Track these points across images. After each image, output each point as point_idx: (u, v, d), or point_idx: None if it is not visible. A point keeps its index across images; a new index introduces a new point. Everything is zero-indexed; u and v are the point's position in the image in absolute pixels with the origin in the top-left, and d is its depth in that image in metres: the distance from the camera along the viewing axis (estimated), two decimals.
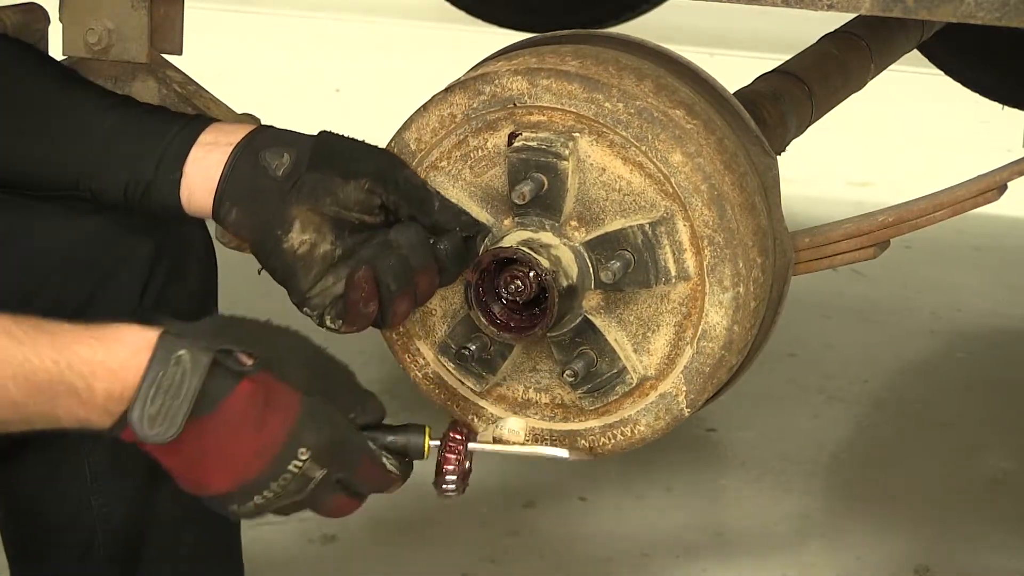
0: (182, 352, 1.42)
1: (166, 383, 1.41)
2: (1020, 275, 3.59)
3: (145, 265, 1.75)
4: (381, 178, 1.68)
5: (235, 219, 1.67)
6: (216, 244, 1.85)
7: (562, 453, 1.73)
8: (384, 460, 1.61)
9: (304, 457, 1.48)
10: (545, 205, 1.74)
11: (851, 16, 2.53)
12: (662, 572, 2.38)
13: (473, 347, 1.79)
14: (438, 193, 1.73)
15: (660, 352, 1.77)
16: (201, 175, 1.68)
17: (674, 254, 1.73)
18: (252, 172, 1.66)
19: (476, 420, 1.86)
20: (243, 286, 3.29)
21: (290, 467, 1.48)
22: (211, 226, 1.77)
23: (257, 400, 1.47)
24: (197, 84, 2.04)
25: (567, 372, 1.75)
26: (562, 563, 2.36)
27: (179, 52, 2.04)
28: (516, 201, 1.72)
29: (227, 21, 5.69)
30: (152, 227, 1.75)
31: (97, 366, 1.40)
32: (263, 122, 1.98)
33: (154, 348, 1.42)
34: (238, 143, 1.68)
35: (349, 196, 1.66)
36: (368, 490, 1.60)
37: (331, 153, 1.68)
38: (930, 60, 3.41)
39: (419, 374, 1.86)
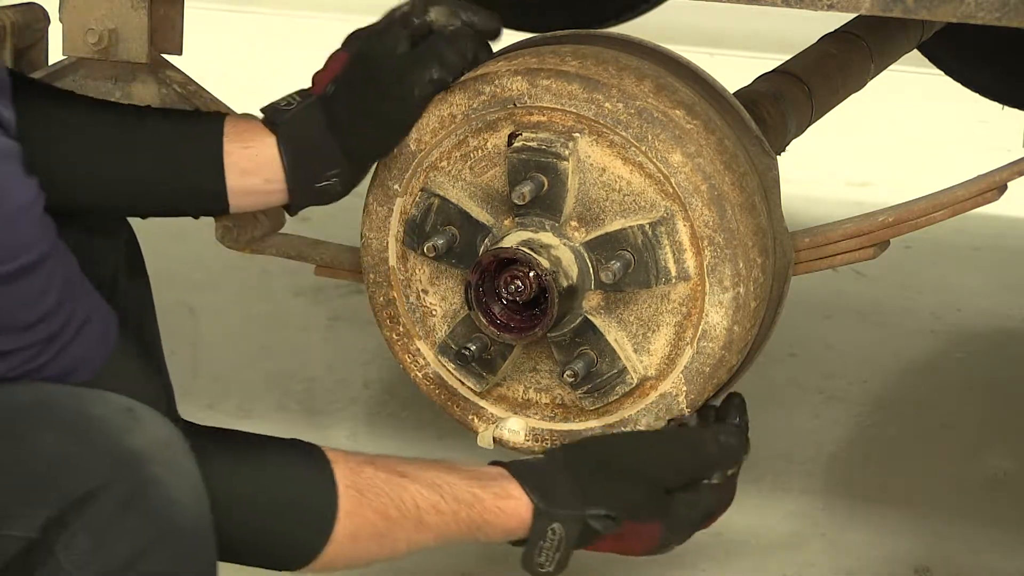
0: (555, 525, 1.70)
1: (546, 546, 1.71)
2: (1020, 275, 3.58)
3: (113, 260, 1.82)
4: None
5: None
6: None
7: None
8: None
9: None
10: (545, 205, 1.74)
11: (851, 16, 2.53)
12: (662, 572, 2.37)
13: (473, 347, 1.79)
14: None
15: (660, 352, 1.77)
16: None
17: (674, 254, 1.73)
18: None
19: (476, 420, 1.86)
20: (243, 286, 3.30)
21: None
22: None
23: (616, 544, 1.75)
24: (197, 84, 2.04)
25: (567, 372, 1.75)
26: None
27: (179, 52, 2.04)
28: (516, 201, 1.72)
29: (227, 21, 5.68)
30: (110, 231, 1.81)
31: (497, 529, 1.71)
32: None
33: (531, 524, 1.70)
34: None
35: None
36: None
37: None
38: (930, 60, 3.40)
39: (419, 374, 1.86)
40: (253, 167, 1.77)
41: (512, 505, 1.70)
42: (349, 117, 1.77)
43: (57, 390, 1.50)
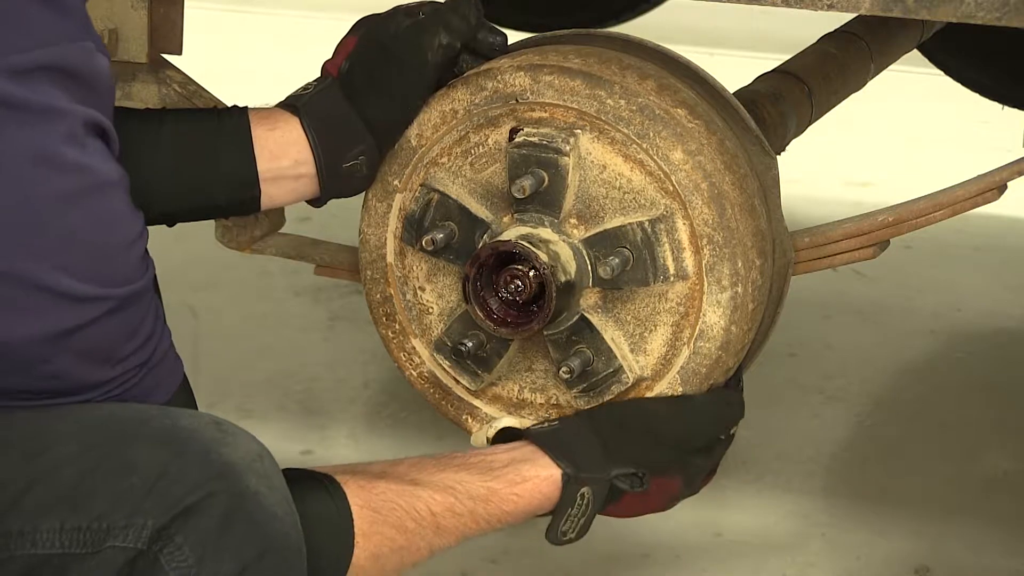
0: (585, 490, 1.72)
1: (573, 513, 1.72)
2: (1020, 275, 3.58)
3: None
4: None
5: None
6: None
7: None
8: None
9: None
10: (545, 201, 1.74)
11: (851, 16, 2.53)
12: (662, 572, 2.38)
13: (470, 344, 1.78)
14: None
15: (657, 352, 1.76)
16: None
17: (673, 252, 1.73)
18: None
19: (470, 420, 1.85)
20: (243, 286, 3.29)
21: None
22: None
23: (639, 503, 1.77)
24: (197, 84, 2.04)
25: (563, 369, 1.75)
26: (562, 563, 2.35)
27: (179, 52, 2.04)
28: (516, 195, 1.72)
29: (227, 21, 5.68)
30: None
31: (518, 515, 1.71)
32: None
33: (561, 492, 1.71)
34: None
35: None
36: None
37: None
38: (930, 60, 3.40)
39: (414, 373, 1.86)
40: (281, 148, 1.77)
41: (529, 488, 1.70)
42: (368, 89, 1.78)
43: (146, 407, 1.51)
